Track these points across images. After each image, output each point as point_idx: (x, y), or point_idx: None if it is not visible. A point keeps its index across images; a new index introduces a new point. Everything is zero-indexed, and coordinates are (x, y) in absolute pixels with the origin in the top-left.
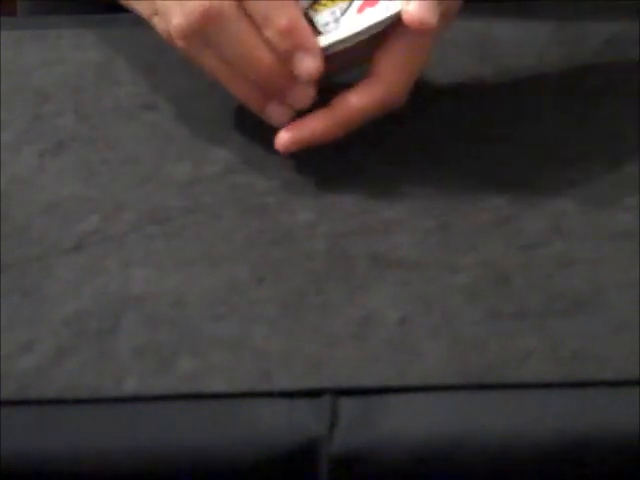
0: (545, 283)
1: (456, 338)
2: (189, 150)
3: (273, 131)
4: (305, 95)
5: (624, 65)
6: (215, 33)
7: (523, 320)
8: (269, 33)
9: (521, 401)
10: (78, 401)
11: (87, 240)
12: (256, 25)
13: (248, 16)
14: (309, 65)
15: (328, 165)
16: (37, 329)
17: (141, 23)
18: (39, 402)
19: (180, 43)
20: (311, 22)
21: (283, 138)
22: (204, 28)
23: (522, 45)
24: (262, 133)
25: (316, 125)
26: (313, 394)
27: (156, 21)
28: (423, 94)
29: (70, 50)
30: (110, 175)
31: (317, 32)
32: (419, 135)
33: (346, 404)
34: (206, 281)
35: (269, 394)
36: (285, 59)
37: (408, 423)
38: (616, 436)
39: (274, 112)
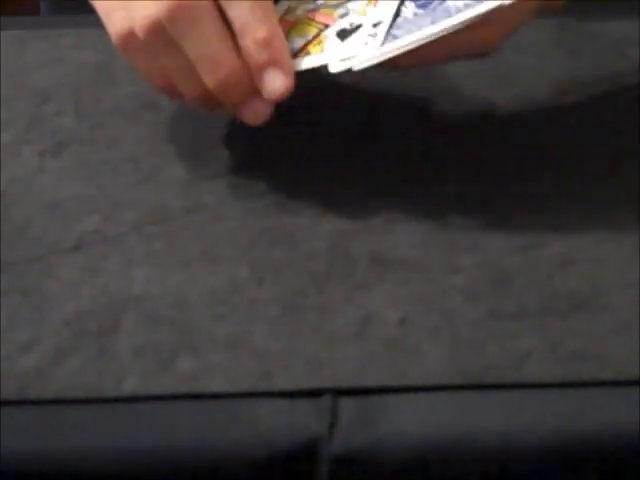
0: (545, 283)
1: (456, 338)
2: (189, 150)
3: (273, 131)
4: (263, 111)
5: (625, 65)
6: (186, 29)
7: (523, 320)
8: (246, 42)
9: (521, 401)
10: (78, 401)
11: (87, 240)
12: (230, 30)
13: (224, 19)
14: (280, 83)
15: (329, 165)
16: (37, 329)
17: None
18: (39, 402)
19: (143, 37)
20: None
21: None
22: (177, 21)
23: (524, 45)
24: (262, 133)
25: (426, 53)
26: (313, 394)
27: (116, 17)
28: (424, 95)
29: (70, 50)
30: (110, 175)
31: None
32: (419, 135)
33: (346, 404)
34: (206, 281)
35: (269, 394)
36: (255, 71)
37: (408, 423)
38: (616, 436)
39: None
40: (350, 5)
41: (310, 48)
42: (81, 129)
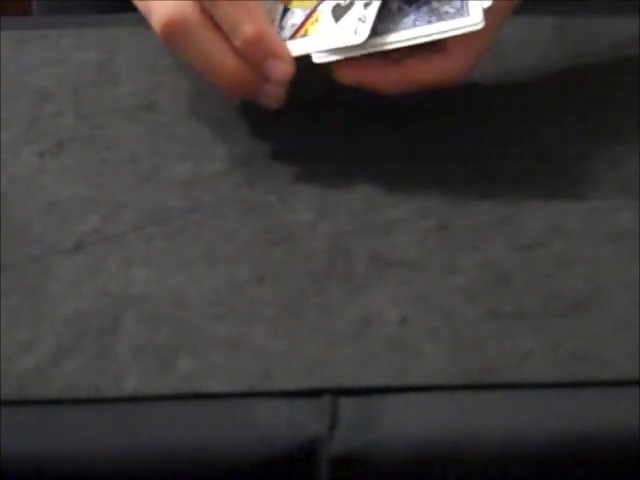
0: (544, 283)
1: (456, 338)
2: (189, 150)
3: (273, 131)
4: (276, 94)
5: (625, 65)
6: (182, 43)
7: (523, 320)
8: (237, 43)
9: (521, 401)
10: (78, 401)
11: (87, 240)
12: (224, 34)
13: (214, 25)
14: (281, 70)
15: (329, 165)
16: (37, 329)
17: (141, 22)
18: (39, 402)
19: (163, 44)
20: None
21: (345, 71)
22: (173, 38)
23: (524, 44)
24: (262, 132)
25: (378, 78)
26: (313, 394)
27: (150, 18)
28: (426, 94)
29: (70, 50)
30: (110, 175)
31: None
32: (420, 135)
33: (346, 404)
34: (206, 281)
35: (269, 394)
36: (255, 67)
37: (408, 423)
38: (616, 436)
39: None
40: None
41: (308, 26)
42: (81, 129)
